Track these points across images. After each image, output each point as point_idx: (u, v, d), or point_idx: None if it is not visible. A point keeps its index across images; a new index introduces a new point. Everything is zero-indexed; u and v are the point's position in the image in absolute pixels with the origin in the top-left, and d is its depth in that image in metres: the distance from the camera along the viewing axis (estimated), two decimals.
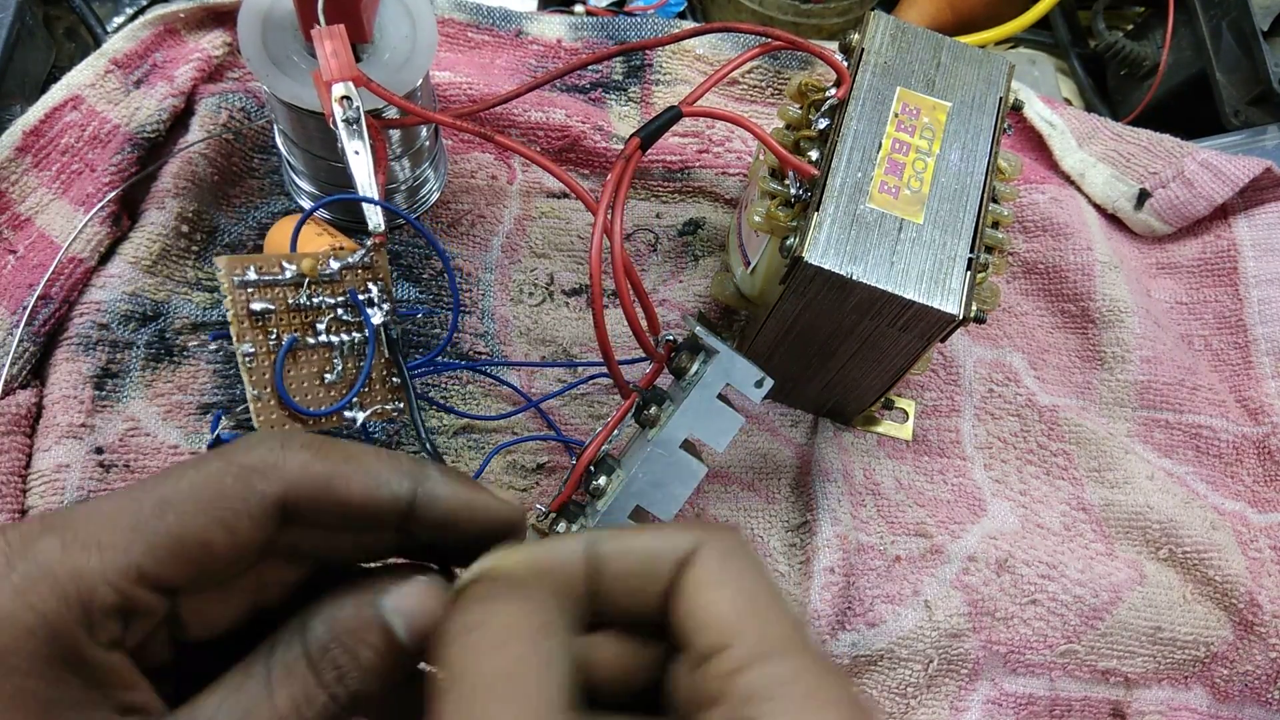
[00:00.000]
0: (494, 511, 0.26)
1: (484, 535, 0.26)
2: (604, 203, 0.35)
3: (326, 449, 0.24)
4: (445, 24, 0.59)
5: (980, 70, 0.45)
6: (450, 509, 0.25)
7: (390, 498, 0.24)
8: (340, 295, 0.38)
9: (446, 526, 0.25)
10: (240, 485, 0.23)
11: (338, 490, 0.24)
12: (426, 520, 0.25)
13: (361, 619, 0.24)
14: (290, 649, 0.23)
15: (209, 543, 0.22)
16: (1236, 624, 0.49)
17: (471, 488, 0.26)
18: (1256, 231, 0.59)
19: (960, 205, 0.41)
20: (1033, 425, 0.54)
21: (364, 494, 0.24)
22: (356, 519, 0.24)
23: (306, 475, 0.24)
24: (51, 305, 0.46)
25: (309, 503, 0.24)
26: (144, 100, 0.52)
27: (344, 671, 0.23)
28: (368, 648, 0.24)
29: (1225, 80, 0.63)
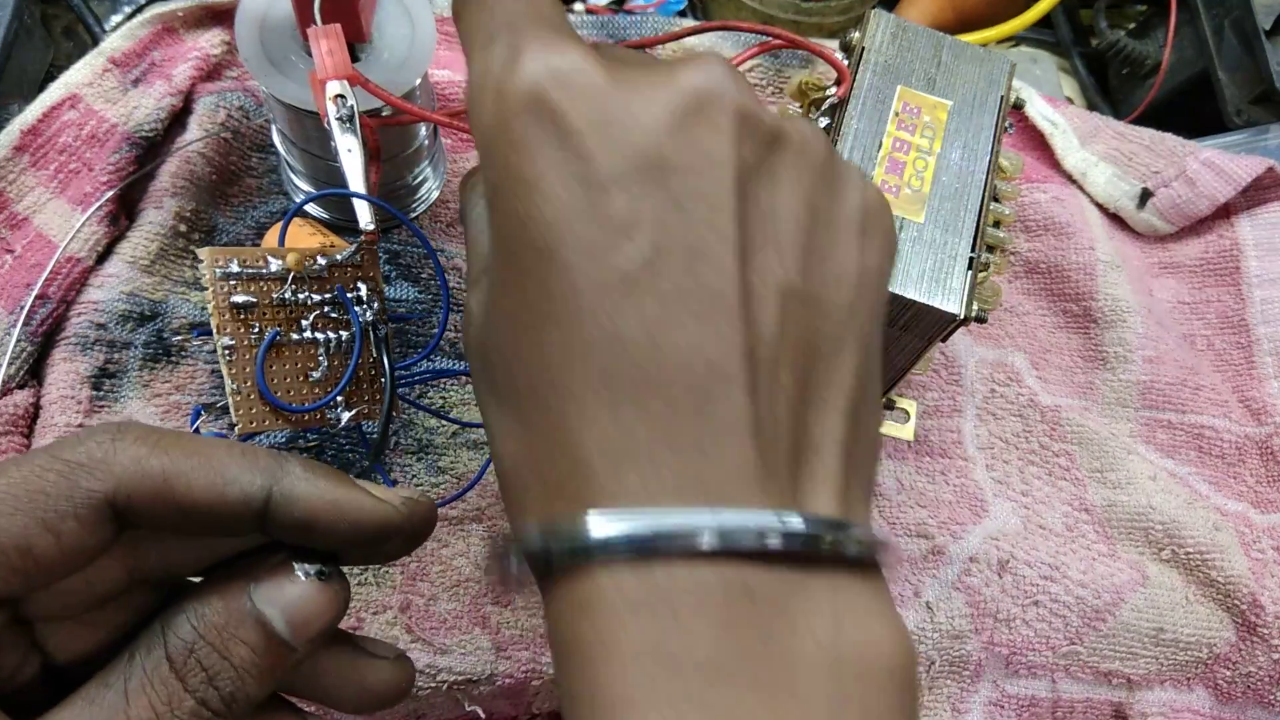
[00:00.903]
0: (367, 512, 0.23)
1: (358, 537, 0.23)
2: None
3: (167, 443, 0.22)
4: (444, 23, 0.59)
5: (981, 69, 0.44)
6: (310, 510, 0.23)
7: (240, 497, 0.22)
8: (328, 292, 0.38)
9: (309, 529, 0.23)
10: (64, 483, 0.21)
11: (177, 489, 0.21)
12: (284, 522, 0.23)
13: (231, 615, 0.22)
14: (150, 653, 0.21)
15: (30, 547, 0.20)
16: (1239, 625, 0.49)
17: (340, 484, 0.23)
18: (1259, 231, 0.59)
19: (961, 204, 0.41)
20: (1035, 425, 0.53)
21: (208, 492, 0.22)
22: (202, 521, 0.22)
23: (140, 471, 0.21)
24: (49, 305, 0.46)
25: (145, 503, 0.21)
26: (142, 99, 0.51)
27: (213, 674, 0.21)
28: (241, 645, 0.22)
29: (1227, 79, 0.63)
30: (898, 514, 0.50)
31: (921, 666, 0.46)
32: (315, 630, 0.23)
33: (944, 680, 0.47)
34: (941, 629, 0.46)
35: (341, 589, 0.24)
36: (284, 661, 0.22)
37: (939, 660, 0.46)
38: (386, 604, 0.44)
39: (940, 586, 0.48)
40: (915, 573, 0.48)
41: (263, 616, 0.22)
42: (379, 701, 0.25)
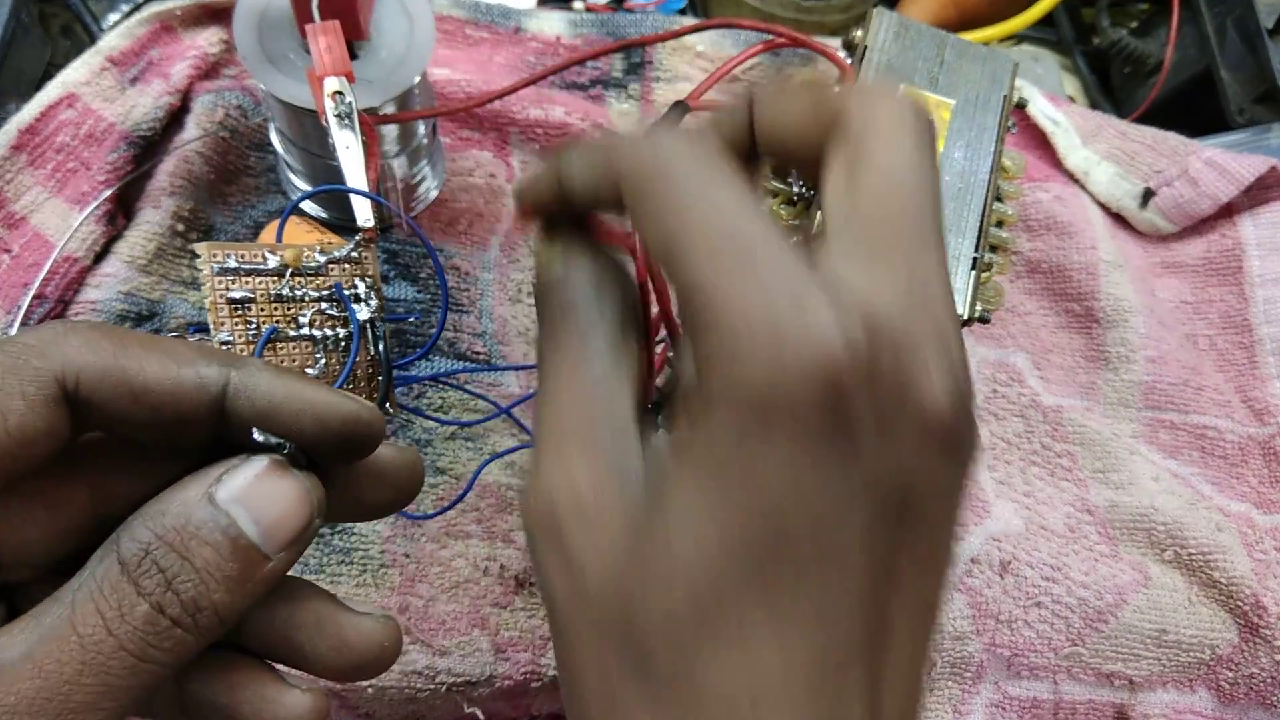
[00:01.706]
0: (332, 405, 0.22)
1: (324, 433, 0.22)
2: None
3: (121, 333, 0.21)
4: (443, 21, 0.59)
5: (984, 68, 0.44)
6: (270, 397, 0.21)
7: (195, 380, 0.21)
8: (325, 289, 0.38)
9: (269, 421, 0.22)
10: (8, 362, 0.20)
11: (129, 369, 0.20)
12: (244, 412, 0.21)
13: (191, 514, 0.20)
14: (102, 560, 0.20)
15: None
16: (1242, 626, 0.49)
17: (302, 379, 0.22)
18: (1262, 230, 0.58)
19: (964, 204, 0.41)
20: (1037, 426, 0.53)
21: (162, 375, 0.21)
22: (156, 407, 0.21)
23: (91, 351, 0.20)
24: (46, 304, 0.46)
25: (95, 383, 0.20)
26: (140, 98, 0.51)
27: (171, 576, 0.19)
28: (204, 546, 0.20)
29: (1230, 78, 0.63)
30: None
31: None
32: (287, 531, 0.21)
33: (945, 681, 0.47)
34: (943, 630, 0.46)
35: (314, 485, 0.22)
36: (256, 569, 0.20)
37: (940, 661, 0.46)
38: (385, 605, 0.44)
39: None
40: None
41: (227, 514, 0.20)
42: (359, 662, 0.23)
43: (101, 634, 0.19)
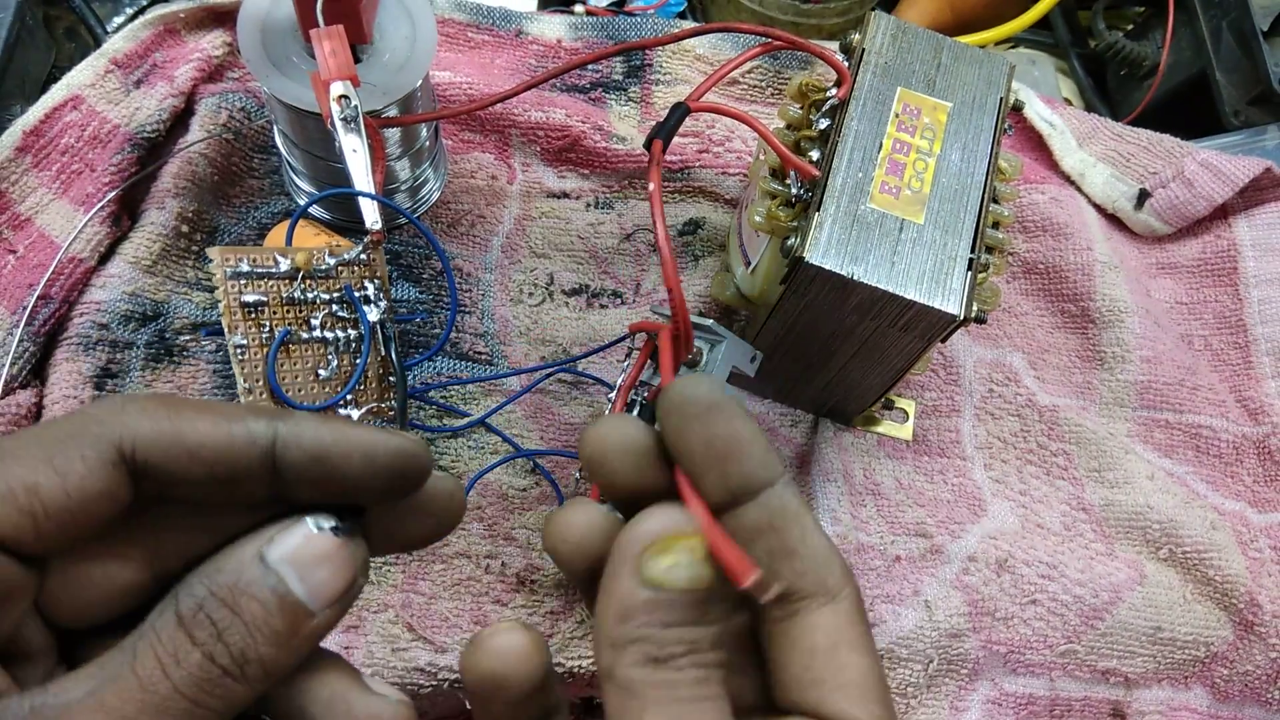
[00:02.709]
0: (380, 442, 0.23)
1: (375, 472, 0.23)
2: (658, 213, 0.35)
3: (175, 400, 0.23)
4: (445, 24, 0.59)
5: (981, 70, 0.45)
6: (319, 443, 0.22)
7: (245, 435, 0.22)
8: (336, 291, 0.38)
9: (321, 466, 0.23)
10: (72, 428, 0.21)
11: (184, 433, 0.22)
12: (294, 460, 0.22)
13: (243, 572, 0.21)
14: (161, 614, 0.21)
15: (36, 484, 0.21)
16: (1237, 624, 0.49)
17: (348, 424, 0.23)
18: (1256, 231, 0.59)
19: (961, 205, 0.41)
20: (1033, 425, 0.54)
21: (213, 432, 0.22)
22: (210, 464, 0.22)
23: (149, 418, 0.22)
24: (51, 305, 0.46)
25: (153, 447, 0.22)
26: (144, 100, 0.52)
27: (222, 628, 0.21)
28: (253, 602, 0.21)
29: (1225, 80, 0.63)
30: (896, 513, 0.50)
31: (920, 665, 0.47)
32: (332, 591, 0.22)
33: (942, 679, 0.47)
34: (940, 628, 0.47)
35: (359, 548, 0.23)
36: (301, 625, 0.22)
37: (937, 659, 0.47)
38: (387, 603, 0.44)
39: (939, 585, 0.48)
40: (914, 572, 0.48)
41: (275, 573, 0.22)
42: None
43: (159, 676, 0.20)
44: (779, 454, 0.51)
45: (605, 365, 0.51)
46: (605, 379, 0.51)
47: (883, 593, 0.47)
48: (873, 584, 0.47)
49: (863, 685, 0.24)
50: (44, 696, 0.20)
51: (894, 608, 0.47)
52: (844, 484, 0.50)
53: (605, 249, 0.55)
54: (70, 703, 0.20)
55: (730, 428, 0.24)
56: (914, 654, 0.46)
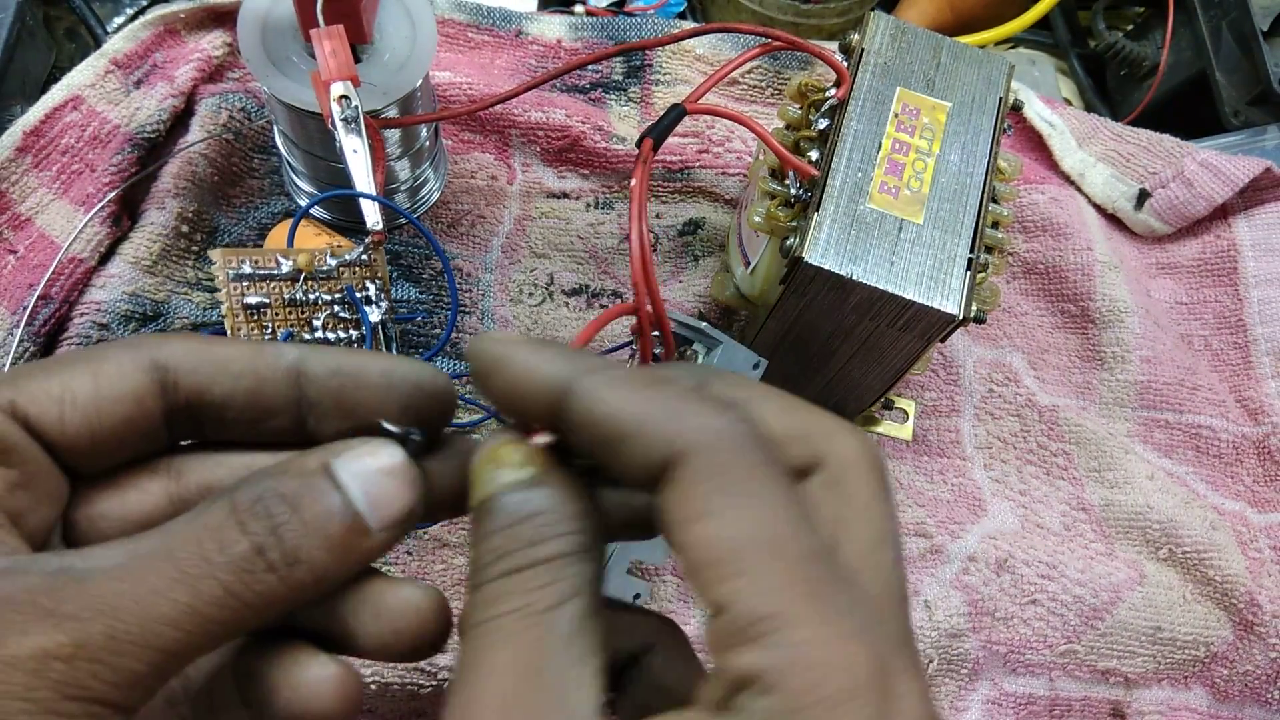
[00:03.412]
0: (396, 365, 0.23)
1: (394, 397, 0.23)
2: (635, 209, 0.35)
3: (213, 337, 0.24)
4: (445, 24, 0.59)
5: (980, 70, 0.45)
6: (338, 362, 0.23)
7: (272, 353, 0.23)
8: (337, 292, 0.38)
9: (340, 381, 0.23)
10: (111, 344, 0.23)
11: (215, 349, 0.23)
12: (315, 377, 0.23)
13: (307, 478, 0.21)
14: (212, 503, 0.21)
15: (69, 380, 0.22)
16: (1236, 624, 0.49)
17: (366, 352, 0.25)
18: (1256, 232, 0.59)
19: (960, 205, 0.41)
20: (1033, 425, 0.54)
21: (242, 351, 0.23)
22: (237, 375, 0.23)
23: (183, 340, 0.23)
24: (52, 305, 0.46)
25: (184, 360, 0.22)
26: (144, 100, 0.52)
27: (279, 522, 0.20)
28: (315, 503, 0.21)
29: (1225, 80, 0.63)
30: (896, 513, 0.50)
31: None
32: (393, 512, 0.22)
33: (942, 678, 0.47)
34: (940, 627, 0.47)
35: (419, 478, 0.23)
36: (358, 542, 0.21)
37: (937, 659, 0.47)
38: None
39: (939, 585, 0.48)
40: (914, 572, 0.48)
41: (340, 482, 0.21)
42: (398, 627, 0.23)
43: (196, 559, 0.19)
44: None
45: None
46: None
47: None
48: None
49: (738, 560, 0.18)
50: (72, 559, 0.19)
51: None
52: None
53: (605, 249, 0.55)
54: (97, 569, 0.19)
55: (507, 376, 0.21)
56: None
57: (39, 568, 0.19)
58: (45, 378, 0.22)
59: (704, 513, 0.19)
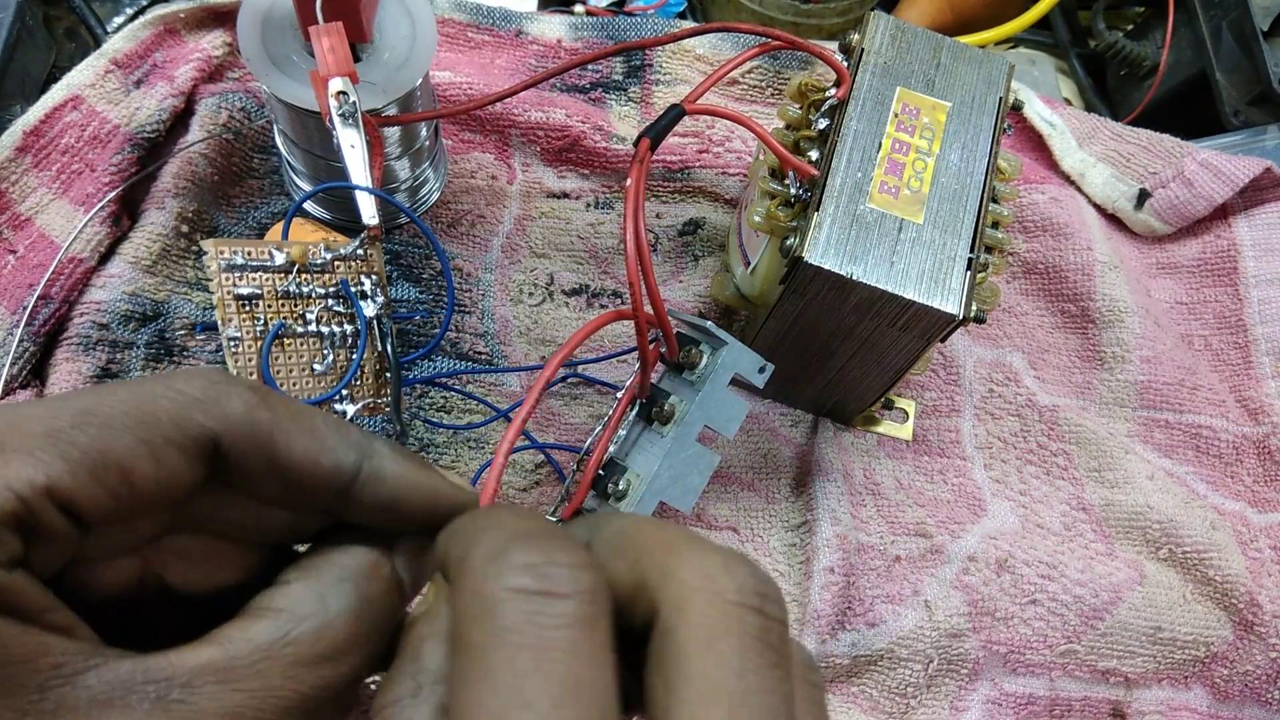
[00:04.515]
0: (445, 496, 0.23)
1: (431, 523, 0.23)
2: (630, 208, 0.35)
3: (273, 399, 0.21)
4: (445, 24, 0.59)
5: (980, 70, 0.45)
6: (397, 489, 0.22)
7: (333, 466, 0.22)
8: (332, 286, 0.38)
9: (390, 510, 0.22)
10: (176, 411, 0.20)
11: (279, 445, 0.21)
12: (368, 500, 0.22)
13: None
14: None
15: (131, 469, 0.19)
16: (1237, 624, 0.49)
17: (423, 468, 0.23)
18: (1256, 231, 0.59)
19: (960, 205, 0.41)
20: (1033, 425, 0.54)
21: (306, 455, 0.21)
22: (292, 482, 0.21)
23: (249, 419, 0.21)
24: (51, 305, 0.46)
25: (244, 450, 0.21)
26: (144, 100, 0.52)
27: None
28: None
29: (1225, 80, 0.63)
30: (896, 513, 0.50)
31: (920, 665, 0.47)
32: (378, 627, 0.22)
33: (942, 678, 0.47)
34: (940, 627, 0.47)
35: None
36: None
37: (937, 659, 0.47)
38: None
39: (939, 585, 0.48)
40: (914, 571, 0.48)
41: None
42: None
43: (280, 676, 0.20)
44: (778, 454, 0.51)
45: (607, 366, 0.51)
46: (609, 381, 0.51)
47: (883, 593, 0.47)
48: (872, 584, 0.47)
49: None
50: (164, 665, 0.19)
51: (894, 608, 0.47)
52: (844, 484, 0.50)
53: (605, 249, 0.55)
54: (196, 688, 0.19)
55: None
56: (914, 654, 0.46)
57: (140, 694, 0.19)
58: (99, 456, 0.19)
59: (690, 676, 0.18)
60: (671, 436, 0.38)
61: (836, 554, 0.47)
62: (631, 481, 0.39)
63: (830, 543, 0.47)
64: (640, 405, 0.40)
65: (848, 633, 0.46)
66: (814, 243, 0.39)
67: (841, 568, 0.47)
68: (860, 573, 0.47)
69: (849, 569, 0.47)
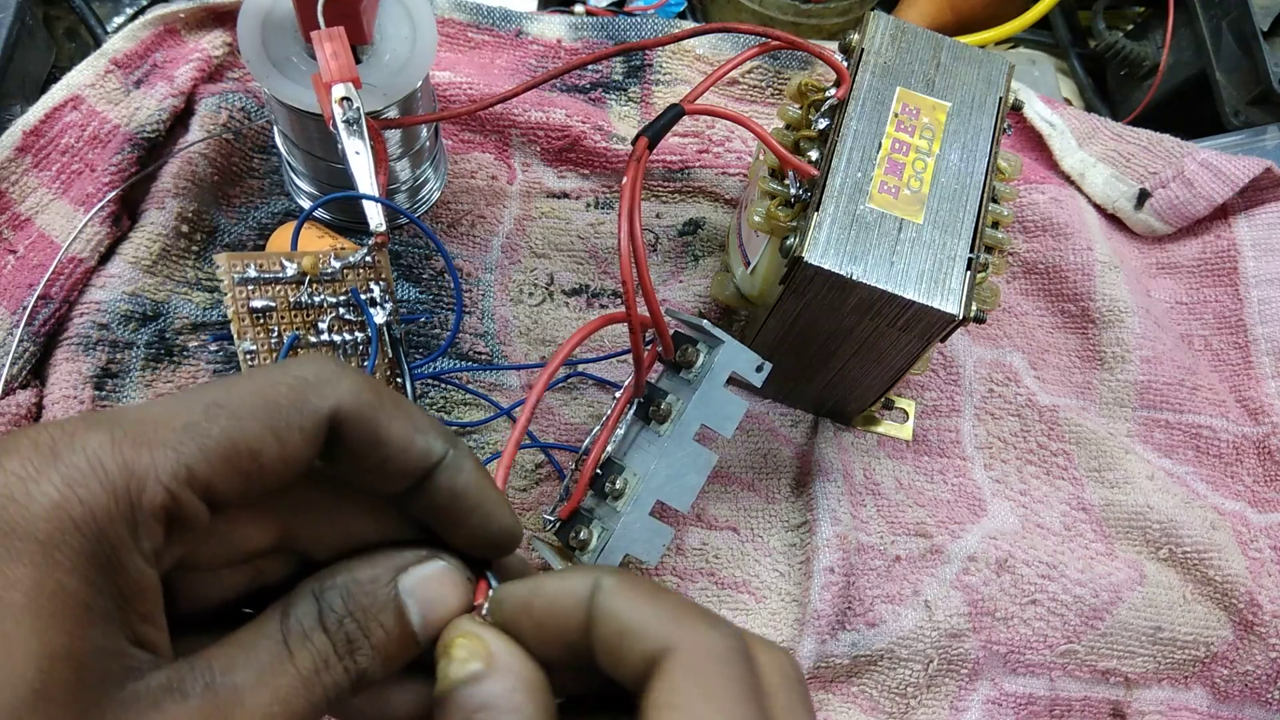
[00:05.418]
0: (499, 515, 0.25)
1: (480, 536, 0.25)
2: (625, 207, 0.35)
3: (378, 385, 0.24)
4: (445, 24, 0.59)
5: (980, 70, 0.45)
6: (465, 489, 0.24)
7: (424, 448, 0.23)
8: (342, 294, 0.38)
9: (453, 509, 0.24)
10: (295, 395, 0.22)
11: (382, 424, 0.23)
12: (444, 486, 0.24)
13: (378, 595, 0.23)
14: (307, 614, 0.23)
15: (259, 451, 0.21)
16: (1236, 624, 0.49)
17: (491, 484, 0.25)
18: (1256, 231, 0.59)
19: (960, 205, 0.41)
20: (1033, 425, 0.54)
21: (403, 434, 0.23)
22: (388, 459, 0.23)
23: (358, 400, 0.22)
24: (51, 305, 0.46)
25: (352, 427, 0.22)
26: (144, 100, 0.52)
27: (355, 646, 0.23)
28: (379, 628, 0.23)
29: (1225, 80, 0.63)
30: (896, 513, 0.50)
31: (920, 665, 0.47)
32: (439, 627, 0.24)
33: (942, 678, 0.47)
34: (940, 627, 0.47)
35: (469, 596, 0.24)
36: (407, 652, 0.23)
37: (937, 659, 0.47)
38: None
39: (939, 585, 0.48)
40: (914, 571, 0.48)
41: (403, 605, 0.23)
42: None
43: (314, 679, 0.22)
44: (778, 454, 0.51)
45: (607, 365, 0.51)
46: (609, 379, 0.51)
47: (883, 593, 0.47)
48: (873, 584, 0.47)
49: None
50: (210, 673, 0.21)
51: (894, 608, 0.47)
52: (844, 484, 0.50)
53: (605, 249, 0.55)
54: (241, 686, 0.21)
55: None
56: (914, 654, 0.46)
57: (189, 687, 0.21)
58: (230, 443, 0.21)
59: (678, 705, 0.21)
60: (669, 436, 0.38)
61: (836, 554, 0.47)
62: (629, 480, 0.39)
63: (830, 543, 0.47)
64: (638, 404, 0.40)
65: (848, 633, 0.46)
66: (814, 243, 0.39)
67: (841, 568, 0.47)
68: (860, 573, 0.47)
69: (849, 569, 0.47)
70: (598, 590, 0.23)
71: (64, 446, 0.20)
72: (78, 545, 0.19)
